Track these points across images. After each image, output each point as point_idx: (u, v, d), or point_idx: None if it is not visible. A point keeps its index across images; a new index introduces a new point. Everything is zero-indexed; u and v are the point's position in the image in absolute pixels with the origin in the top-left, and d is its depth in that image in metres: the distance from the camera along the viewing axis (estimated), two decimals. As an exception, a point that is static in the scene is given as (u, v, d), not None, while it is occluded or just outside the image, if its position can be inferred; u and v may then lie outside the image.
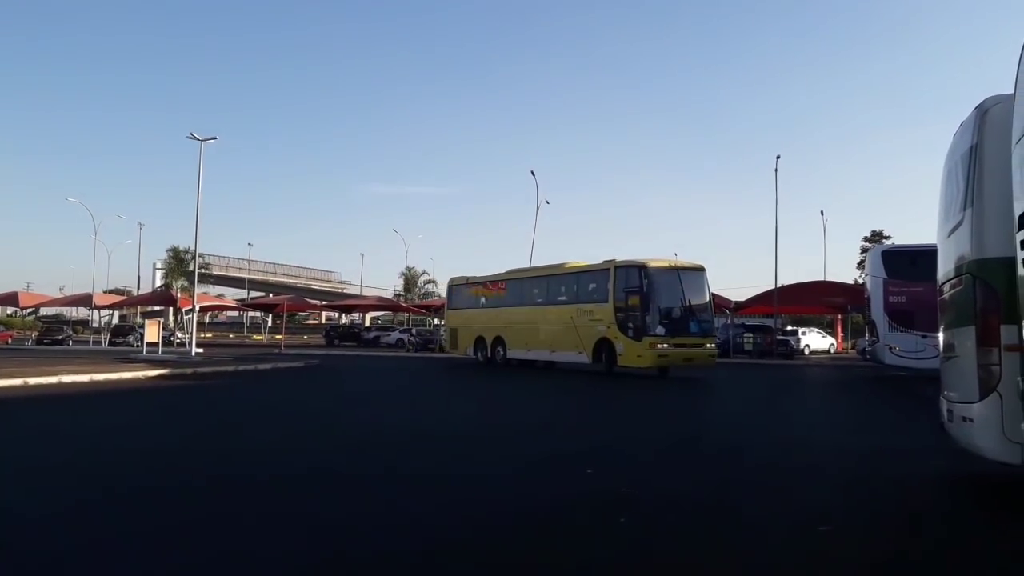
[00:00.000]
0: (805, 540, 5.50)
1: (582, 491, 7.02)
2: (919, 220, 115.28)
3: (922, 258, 24.98)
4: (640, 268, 23.02)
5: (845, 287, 41.63)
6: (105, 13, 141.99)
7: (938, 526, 6.10)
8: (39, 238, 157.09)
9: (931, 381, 9.19)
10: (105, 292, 61.70)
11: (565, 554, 5.07)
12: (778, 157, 38.85)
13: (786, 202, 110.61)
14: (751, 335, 39.24)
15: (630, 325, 22.91)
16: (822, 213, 56.14)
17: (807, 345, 45.03)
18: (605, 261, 24.98)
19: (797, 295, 40.51)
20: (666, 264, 23.91)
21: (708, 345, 23.79)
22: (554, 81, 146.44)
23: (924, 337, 22.45)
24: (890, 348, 23.91)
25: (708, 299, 24.12)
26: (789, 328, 46.86)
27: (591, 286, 25.53)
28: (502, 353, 28.92)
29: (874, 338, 25.52)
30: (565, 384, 22.08)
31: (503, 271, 31.01)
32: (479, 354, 30.14)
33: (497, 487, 7.32)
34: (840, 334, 51.54)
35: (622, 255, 24.30)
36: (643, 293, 22.67)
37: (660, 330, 22.29)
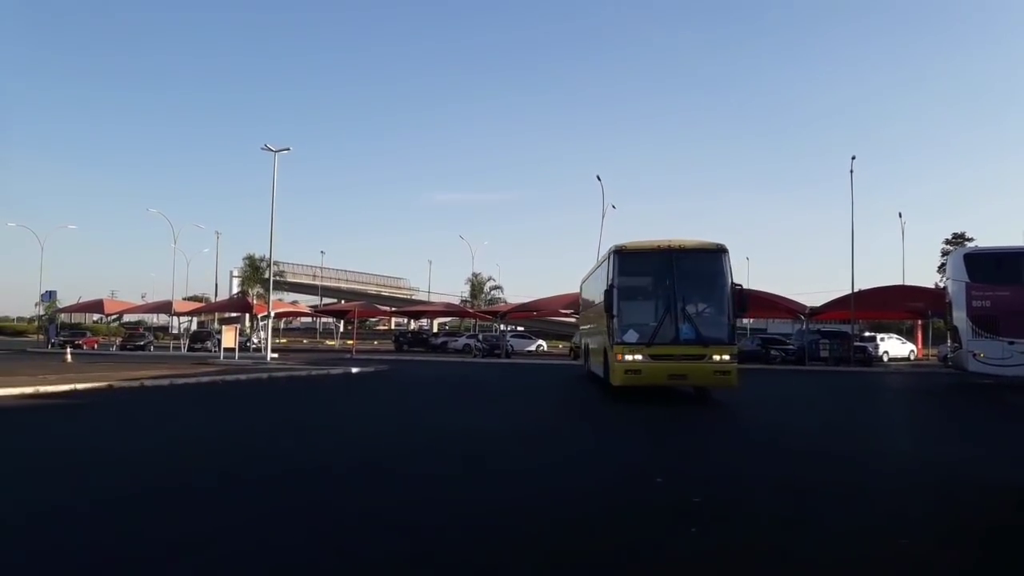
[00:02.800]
0: (884, 551, 5.34)
1: (654, 499, 7.00)
2: (1002, 221, 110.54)
3: (1008, 260, 24.20)
4: (613, 254, 17.05)
5: (925, 291, 40.12)
6: (184, 32, 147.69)
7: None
8: (123, 248, 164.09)
9: (1018, 389, 8.81)
10: (184, 299, 63.84)
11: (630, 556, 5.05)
12: (853, 158, 37.65)
13: (862, 204, 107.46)
14: (827, 341, 38.17)
15: (613, 330, 16.68)
16: (900, 215, 54.38)
17: (885, 351, 43.60)
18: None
19: (875, 300, 39.23)
20: (650, 245, 17.13)
21: (716, 358, 15.90)
22: (621, 85, 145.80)
23: (1011, 343, 21.54)
24: (974, 355, 22.94)
25: (722, 293, 16.47)
26: (867, 334, 45.45)
27: (600, 284, 19.03)
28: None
29: (956, 344, 24.52)
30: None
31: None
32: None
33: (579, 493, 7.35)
34: (920, 340, 49.74)
35: None
36: (611, 286, 16.60)
37: (631, 336, 16.18)
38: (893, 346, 45.30)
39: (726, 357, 15.90)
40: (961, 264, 24.48)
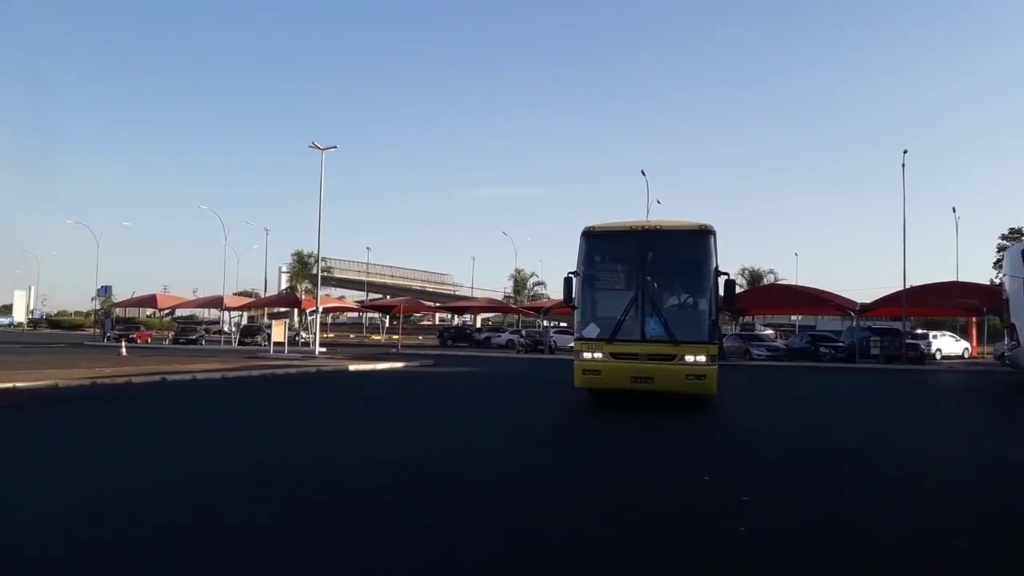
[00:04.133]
0: (936, 554, 5.28)
1: (702, 497, 7.00)
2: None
3: (1069, 256, 23.43)
4: (581, 236, 14.48)
5: (980, 288, 39.04)
6: (232, 29, 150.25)
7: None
8: (175, 244, 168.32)
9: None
10: (235, 294, 64.95)
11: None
12: (905, 151, 36.74)
13: (914, 199, 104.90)
14: (878, 339, 37.36)
15: (576, 324, 14.73)
16: (954, 210, 52.92)
17: (938, 349, 42.51)
18: None
19: (928, 297, 38.29)
20: (622, 226, 14.68)
21: (689, 359, 13.25)
22: (667, 80, 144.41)
23: (1072, 341, 20.86)
24: (1032, 353, 22.28)
25: (704, 282, 13.85)
26: (919, 331, 44.40)
27: None
28: None
29: (1014, 342, 23.80)
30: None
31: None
32: None
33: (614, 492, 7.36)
34: (975, 338, 48.40)
35: (737, 259, 21.76)
36: (573, 273, 14.26)
37: (591, 331, 13.93)
38: (946, 344, 44.18)
39: (701, 358, 13.18)
40: (1019, 259, 23.73)
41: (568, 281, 14.16)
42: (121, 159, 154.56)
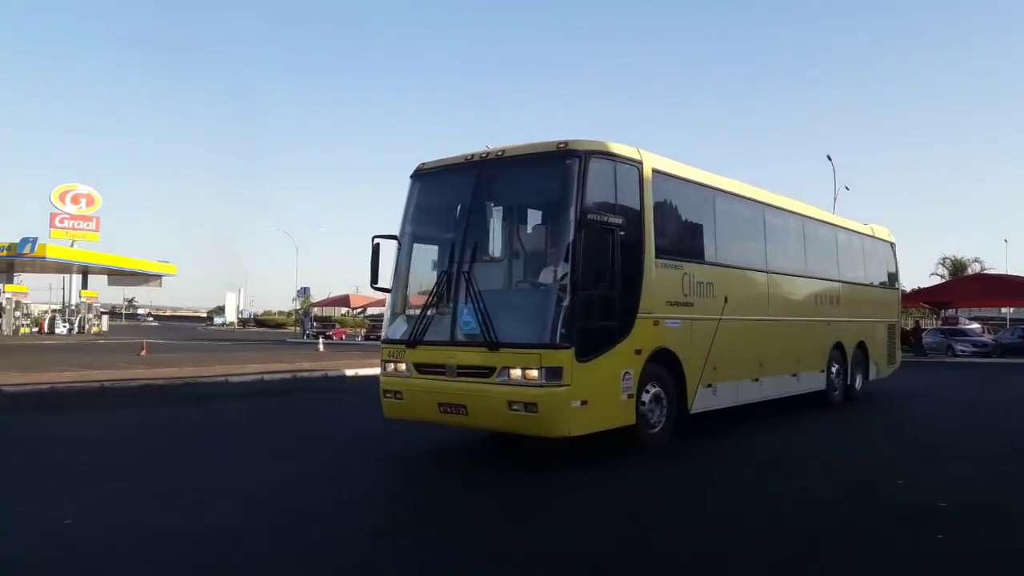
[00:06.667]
0: None
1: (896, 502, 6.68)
2: None
3: None
4: (410, 180, 9.54)
5: None
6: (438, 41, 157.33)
7: None
8: (366, 246, 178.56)
9: None
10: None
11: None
12: None
13: None
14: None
15: None
16: None
17: None
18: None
19: None
20: (452, 162, 9.30)
21: (516, 373, 7.64)
22: (866, 63, 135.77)
23: None
24: None
25: (560, 239, 8.03)
26: None
27: None
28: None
29: None
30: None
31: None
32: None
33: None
34: None
35: (937, 249, 19.04)
36: (390, 237, 9.34)
37: (396, 330, 9.03)
38: None
39: (533, 374, 7.49)
40: None
41: (376, 248, 9.21)
42: (317, 169, 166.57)
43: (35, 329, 55.27)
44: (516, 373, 7.60)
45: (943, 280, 55.91)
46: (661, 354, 8.83)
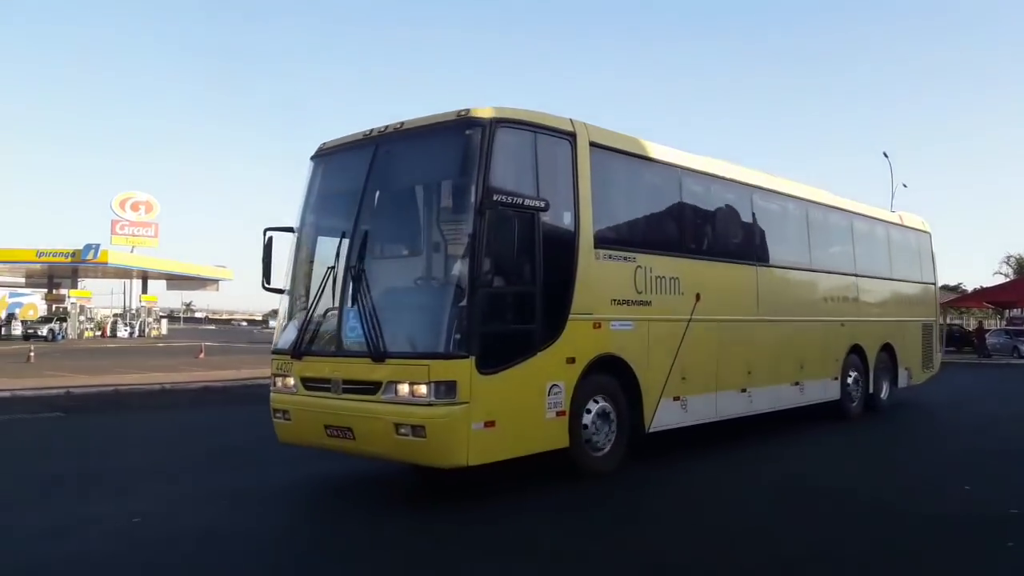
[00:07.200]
0: None
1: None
2: None
3: None
4: (310, 163, 8.19)
5: None
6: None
7: None
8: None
9: None
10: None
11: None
12: None
13: None
14: None
15: None
16: None
17: None
18: None
19: None
20: (350, 140, 7.88)
21: (404, 390, 6.22)
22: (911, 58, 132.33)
23: None
24: None
25: (457, 226, 6.74)
26: None
27: None
28: None
29: None
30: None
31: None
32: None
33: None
34: None
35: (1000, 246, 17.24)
36: (285, 229, 8.11)
37: (287, 338, 7.41)
38: None
39: (422, 389, 6.13)
40: None
41: (269, 243, 7.88)
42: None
43: (98, 333, 56.94)
44: (404, 389, 6.22)
45: (1007, 279, 54.12)
46: (607, 362, 7.44)
